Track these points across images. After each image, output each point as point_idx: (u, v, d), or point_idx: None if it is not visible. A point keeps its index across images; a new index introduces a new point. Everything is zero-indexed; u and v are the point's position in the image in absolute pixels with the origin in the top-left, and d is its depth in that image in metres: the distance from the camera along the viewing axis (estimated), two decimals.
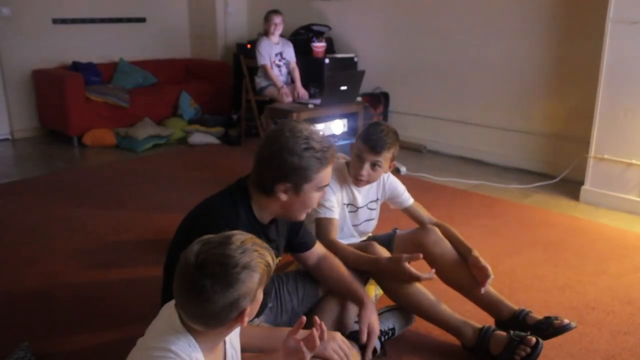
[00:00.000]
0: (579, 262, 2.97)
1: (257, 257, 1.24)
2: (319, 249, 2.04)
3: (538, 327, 2.07)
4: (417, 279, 2.05)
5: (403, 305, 2.17)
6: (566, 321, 2.07)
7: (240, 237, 1.25)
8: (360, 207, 2.43)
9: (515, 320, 2.13)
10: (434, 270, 2.08)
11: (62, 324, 2.35)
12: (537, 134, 4.60)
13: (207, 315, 1.22)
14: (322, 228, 2.20)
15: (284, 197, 1.69)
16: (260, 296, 1.29)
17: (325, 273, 2.02)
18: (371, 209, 2.49)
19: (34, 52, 5.66)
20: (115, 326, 1.38)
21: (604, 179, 3.81)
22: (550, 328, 2.06)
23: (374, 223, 2.54)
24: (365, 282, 2.25)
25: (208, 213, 1.69)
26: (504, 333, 2.01)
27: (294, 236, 1.94)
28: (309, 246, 2.00)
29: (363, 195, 2.43)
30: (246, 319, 1.26)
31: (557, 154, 4.47)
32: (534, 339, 1.94)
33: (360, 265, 2.13)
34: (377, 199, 2.51)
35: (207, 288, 1.18)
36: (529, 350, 1.92)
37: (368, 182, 2.34)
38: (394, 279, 2.09)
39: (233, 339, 1.46)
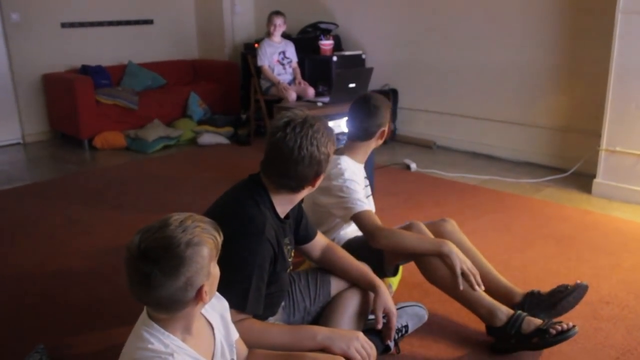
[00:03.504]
0: (592, 256, 2.94)
1: (200, 232, 1.22)
2: (321, 240, 2.05)
3: (555, 294, 2.18)
4: (466, 277, 2.09)
5: (438, 285, 2.15)
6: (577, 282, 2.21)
7: (178, 217, 1.24)
8: (366, 186, 2.46)
9: (530, 296, 2.20)
10: (477, 288, 2.11)
11: (77, 325, 2.37)
12: (547, 128, 4.57)
13: (165, 301, 1.20)
14: (366, 220, 2.18)
15: (308, 189, 1.76)
16: (215, 271, 1.27)
17: (332, 263, 2.04)
18: (367, 185, 2.52)
19: (44, 56, 5.71)
20: (129, 328, 1.39)
21: (616, 172, 3.77)
22: (563, 291, 2.18)
23: (372, 199, 2.57)
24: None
25: (234, 217, 1.67)
26: (538, 320, 2.05)
27: (297, 227, 1.95)
28: (311, 237, 2.01)
29: (363, 173, 2.47)
30: (206, 297, 1.24)
31: (568, 147, 4.44)
32: (570, 323, 1.99)
33: (422, 246, 2.13)
34: (366, 176, 2.57)
35: (155, 274, 1.17)
36: (565, 327, 1.97)
37: None
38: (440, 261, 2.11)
39: (222, 327, 1.44)
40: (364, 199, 2.25)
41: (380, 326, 1.92)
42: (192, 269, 1.19)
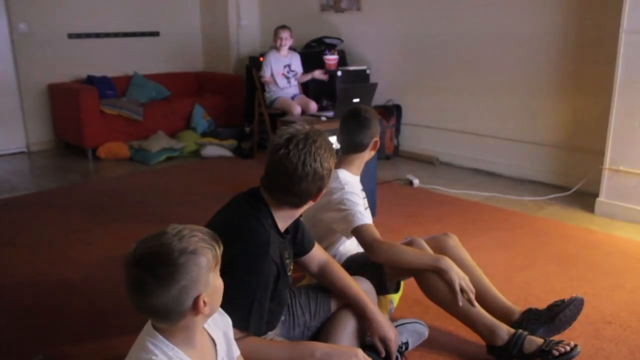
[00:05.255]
0: (594, 275, 2.93)
1: (197, 241, 1.21)
2: (319, 254, 2.02)
3: (552, 308, 2.20)
4: (463, 291, 2.09)
5: (438, 302, 2.15)
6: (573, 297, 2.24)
7: (176, 226, 1.24)
8: (364, 198, 2.45)
9: (528, 313, 2.20)
10: (476, 304, 2.11)
11: (76, 336, 2.36)
12: (551, 146, 4.57)
13: (159, 309, 1.19)
14: (366, 233, 2.18)
15: (309, 204, 1.75)
16: (217, 282, 1.26)
17: (329, 282, 2.01)
18: (364, 197, 2.50)
19: (50, 66, 5.75)
20: (128, 339, 1.38)
21: (619, 191, 3.76)
22: (560, 305, 2.20)
23: (369, 211, 2.56)
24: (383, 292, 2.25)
25: (238, 236, 1.65)
26: (539, 339, 2.05)
27: (294, 238, 1.93)
28: (308, 249, 1.99)
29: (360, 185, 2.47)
30: (205, 308, 1.22)
31: (571, 165, 4.43)
32: (572, 343, 1.99)
33: (420, 261, 2.13)
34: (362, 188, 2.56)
35: (147, 280, 1.16)
36: (568, 348, 1.97)
37: None
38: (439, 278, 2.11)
39: (224, 343, 1.44)
40: (364, 212, 2.25)
41: (383, 354, 1.92)
42: (186, 278, 1.18)
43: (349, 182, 2.31)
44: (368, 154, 2.46)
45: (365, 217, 2.22)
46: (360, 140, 2.40)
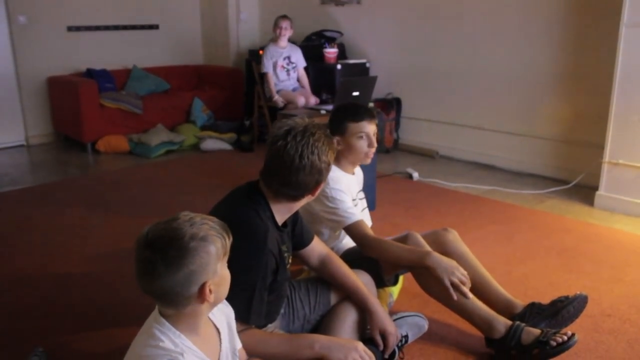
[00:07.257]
0: (594, 268, 2.93)
1: (207, 229, 1.23)
2: (319, 247, 2.02)
3: (556, 304, 2.19)
4: (456, 287, 2.07)
5: (434, 296, 2.16)
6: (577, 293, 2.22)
7: (188, 213, 1.27)
8: (361, 199, 2.45)
9: (531, 307, 2.20)
10: (470, 295, 2.10)
11: (77, 329, 2.36)
12: (550, 139, 4.57)
13: (167, 293, 1.21)
14: (356, 230, 2.20)
15: (307, 198, 1.76)
16: (224, 272, 1.28)
17: (329, 275, 2.01)
18: (362, 199, 2.52)
19: (49, 59, 5.74)
20: (128, 331, 1.39)
21: (619, 184, 3.77)
22: (564, 301, 2.19)
23: (368, 212, 2.56)
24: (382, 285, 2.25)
25: (236, 229, 1.59)
26: (537, 329, 2.05)
27: (292, 232, 1.93)
28: (306, 243, 1.99)
29: (355, 186, 2.46)
30: (210, 296, 1.24)
31: (571, 159, 4.43)
32: (569, 332, 1.99)
33: (408, 257, 2.13)
34: (361, 189, 2.55)
35: (158, 263, 1.18)
36: (565, 338, 1.97)
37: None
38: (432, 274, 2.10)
39: (227, 333, 1.45)
40: (353, 209, 2.25)
41: (382, 348, 1.93)
42: (195, 263, 1.20)
43: (335, 176, 2.29)
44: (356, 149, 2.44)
45: (353, 214, 2.22)
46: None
